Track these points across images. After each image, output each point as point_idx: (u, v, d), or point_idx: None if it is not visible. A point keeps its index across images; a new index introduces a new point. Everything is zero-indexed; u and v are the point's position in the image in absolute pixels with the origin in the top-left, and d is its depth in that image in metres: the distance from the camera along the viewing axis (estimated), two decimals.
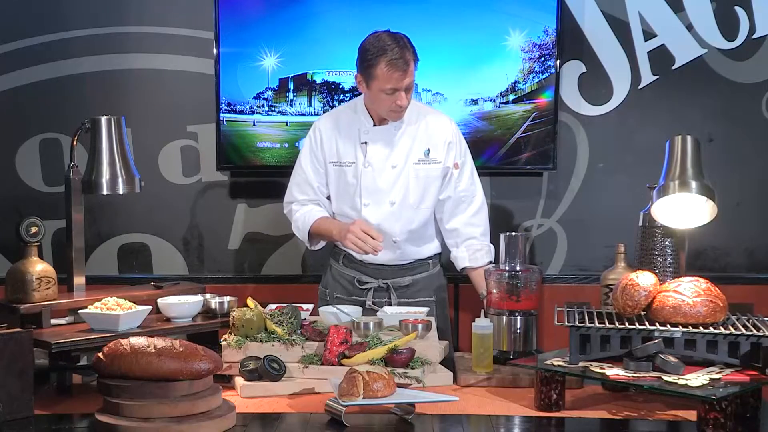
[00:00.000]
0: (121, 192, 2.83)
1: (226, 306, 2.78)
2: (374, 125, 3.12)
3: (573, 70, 3.98)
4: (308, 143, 3.20)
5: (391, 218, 3.10)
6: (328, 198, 3.22)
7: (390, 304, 3.13)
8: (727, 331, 2.29)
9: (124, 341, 2.24)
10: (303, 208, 3.19)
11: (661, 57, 3.98)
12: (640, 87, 4.00)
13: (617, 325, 2.36)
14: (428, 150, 3.13)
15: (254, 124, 3.93)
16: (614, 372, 2.30)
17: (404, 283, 3.20)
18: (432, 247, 3.24)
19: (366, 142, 3.12)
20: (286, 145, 3.94)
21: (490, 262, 3.13)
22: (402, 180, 3.12)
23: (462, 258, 3.19)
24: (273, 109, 3.92)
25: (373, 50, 2.97)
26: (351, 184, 3.13)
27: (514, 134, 3.93)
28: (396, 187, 3.11)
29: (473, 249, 3.17)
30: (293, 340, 2.56)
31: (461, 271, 3.23)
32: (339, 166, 3.15)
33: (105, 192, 2.81)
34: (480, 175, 3.27)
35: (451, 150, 3.14)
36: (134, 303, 2.63)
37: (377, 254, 3.01)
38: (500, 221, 3.90)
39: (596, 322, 2.39)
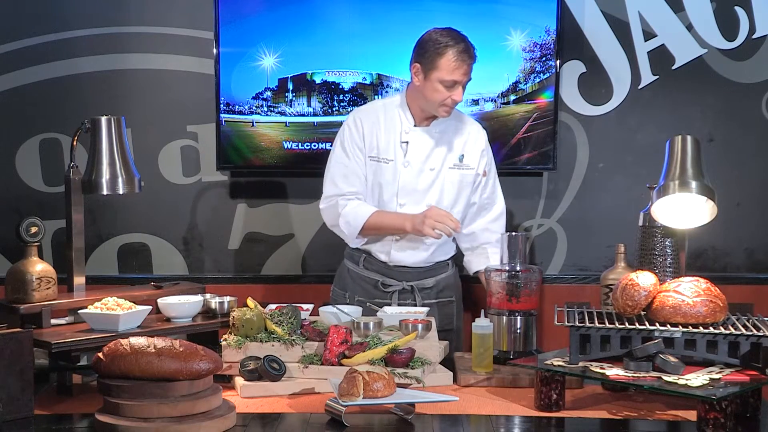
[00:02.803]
0: (121, 192, 2.83)
1: (226, 306, 2.78)
2: (414, 125, 3.12)
3: (573, 70, 3.98)
4: (348, 133, 3.12)
5: None
6: None
7: (415, 305, 3.13)
8: (727, 331, 2.29)
9: (124, 341, 2.24)
10: (351, 203, 3.09)
11: (661, 57, 3.98)
12: (640, 87, 4.00)
13: (617, 325, 2.36)
14: (462, 155, 3.14)
15: (253, 125, 3.92)
16: (614, 372, 2.30)
17: (428, 285, 3.20)
18: (452, 248, 3.27)
19: (407, 142, 3.10)
20: (286, 145, 3.93)
21: None
22: (438, 183, 3.12)
23: (476, 262, 3.20)
24: (272, 109, 3.92)
25: (442, 40, 2.98)
26: (387, 182, 3.10)
27: (515, 134, 3.93)
28: (432, 190, 3.12)
29: (487, 254, 3.18)
30: (293, 340, 2.56)
31: (474, 274, 3.24)
32: (377, 162, 3.10)
33: (105, 192, 2.81)
34: None
35: (483, 158, 3.19)
36: (134, 303, 2.63)
37: (456, 232, 2.99)
38: None
39: (596, 322, 2.39)
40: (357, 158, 3.10)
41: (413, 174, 3.10)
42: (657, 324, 2.36)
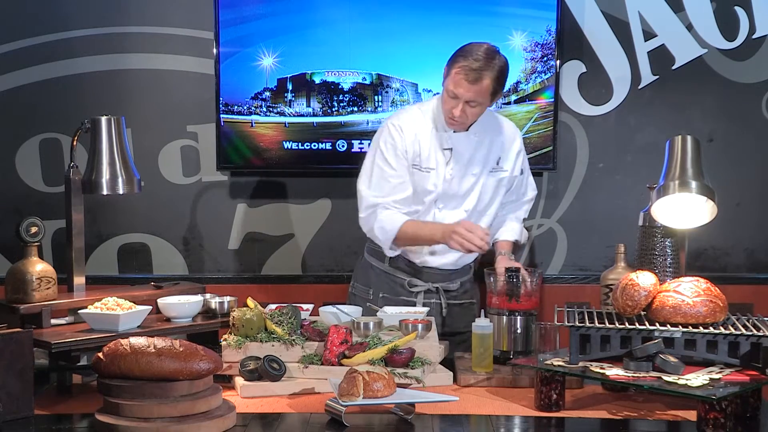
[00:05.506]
0: (121, 192, 2.83)
1: (226, 306, 2.78)
2: (454, 131, 3.08)
3: (573, 70, 3.98)
4: (391, 143, 3.04)
5: None
6: None
7: (441, 306, 3.15)
8: (727, 331, 2.29)
9: (124, 341, 2.24)
10: (387, 211, 3.03)
11: (661, 57, 3.98)
12: (640, 87, 4.00)
13: (617, 325, 2.36)
14: (500, 158, 3.14)
15: (252, 125, 3.92)
16: (614, 372, 2.30)
17: (453, 288, 3.20)
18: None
19: (451, 148, 3.06)
20: (286, 145, 3.93)
21: (517, 242, 3.17)
22: (477, 187, 3.11)
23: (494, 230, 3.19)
24: (271, 109, 3.91)
25: (460, 52, 2.94)
26: (428, 191, 3.06)
27: None
28: (471, 195, 3.11)
29: (505, 224, 3.20)
30: (293, 340, 2.56)
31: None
32: (418, 170, 3.05)
33: (105, 192, 2.81)
34: None
35: (519, 158, 3.19)
36: (134, 303, 2.63)
37: (484, 250, 2.91)
38: None
39: (596, 322, 2.40)
40: (401, 166, 3.04)
41: (456, 180, 3.07)
42: (657, 324, 2.36)
